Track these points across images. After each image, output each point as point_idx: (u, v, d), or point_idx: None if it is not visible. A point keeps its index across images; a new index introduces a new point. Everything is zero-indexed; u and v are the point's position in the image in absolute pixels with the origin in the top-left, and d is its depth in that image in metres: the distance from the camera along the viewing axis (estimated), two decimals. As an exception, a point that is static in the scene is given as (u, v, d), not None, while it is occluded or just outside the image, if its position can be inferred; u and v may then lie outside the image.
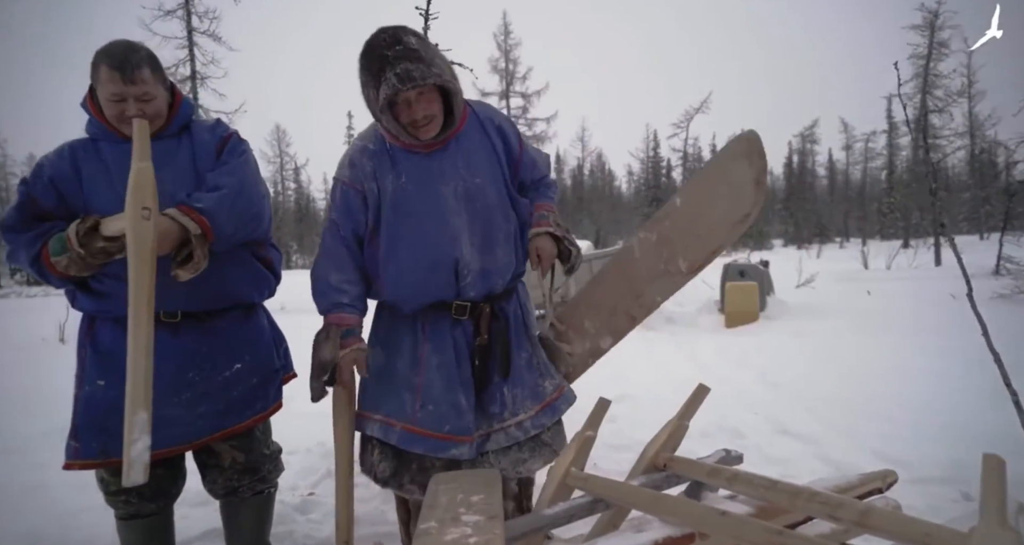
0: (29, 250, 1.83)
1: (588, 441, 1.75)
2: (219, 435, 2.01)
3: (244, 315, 2.09)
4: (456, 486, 1.66)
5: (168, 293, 1.87)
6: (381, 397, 2.03)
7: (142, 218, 1.68)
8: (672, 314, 8.45)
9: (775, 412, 3.71)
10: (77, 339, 1.97)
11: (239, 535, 2.18)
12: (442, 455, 1.97)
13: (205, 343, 1.97)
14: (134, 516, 2.01)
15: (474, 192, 1.98)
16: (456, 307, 2.00)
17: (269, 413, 2.14)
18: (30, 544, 2.41)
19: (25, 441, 3.88)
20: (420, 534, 1.40)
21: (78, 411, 1.91)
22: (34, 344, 9.18)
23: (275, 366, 2.16)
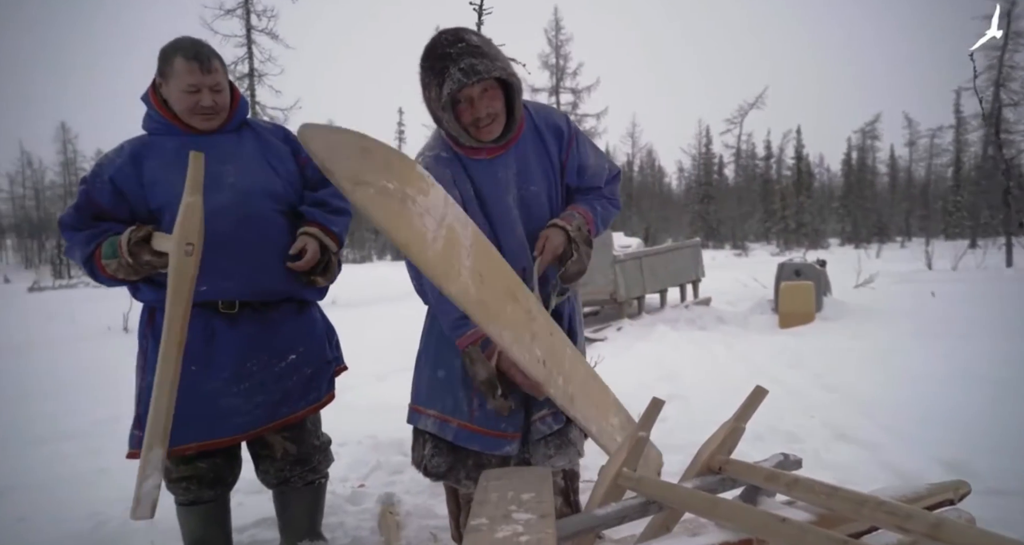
0: (84, 250, 1.91)
1: (641, 441, 1.72)
2: (274, 425, 2.05)
3: (298, 308, 2.13)
4: (507, 483, 1.65)
5: (227, 283, 1.93)
6: (436, 393, 2.03)
7: (185, 253, 1.73)
8: (723, 314, 8.28)
9: (832, 416, 3.59)
10: (138, 330, 2.04)
11: (292, 523, 2.22)
12: (497, 452, 1.98)
13: (261, 334, 2.02)
14: (193, 502, 2.07)
15: (529, 200, 1.97)
16: None
17: (322, 404, 2.18)
18: (95, 526, 2.50)
19: (90, 427, 4.04)
20: (471, 530, 1.39)
21: (141, 401, 1.97)
22: (100, 333, 9.58)
23: (327, 358, 2.20)
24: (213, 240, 1.84)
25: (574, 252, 1.93)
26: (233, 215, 1.93)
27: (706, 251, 12.48)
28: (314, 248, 2.01)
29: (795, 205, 43.95)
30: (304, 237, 2.01)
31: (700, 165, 50.44)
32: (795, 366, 5.09)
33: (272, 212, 2.01)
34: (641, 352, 5.98)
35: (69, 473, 3.13)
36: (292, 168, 2.09)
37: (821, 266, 8.54)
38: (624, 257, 8.61)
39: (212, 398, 1.94)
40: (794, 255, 14.69)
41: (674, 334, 6.96)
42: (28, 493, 2.90)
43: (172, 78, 1.90)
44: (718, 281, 12.77)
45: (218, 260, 1.88)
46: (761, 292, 10.28)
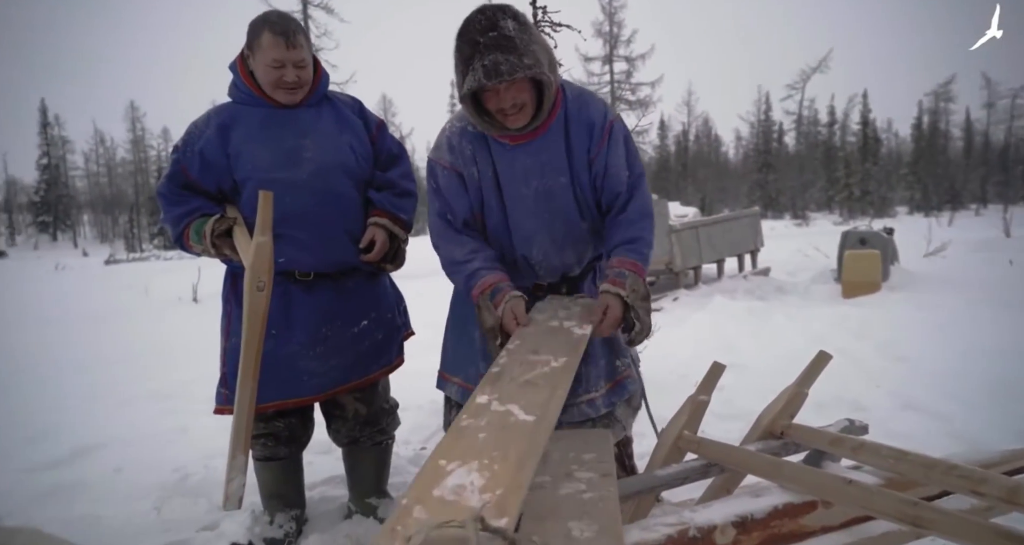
0: (175, 228, 2.02)
1: (701, 405, 1.73)
2: (347, 387, 2.14)
3: (369, 276, 2.21)
4: (567, 444, 1.69)
5: (302, 256, 2.02)
6: (460, 361, 2.06)
7: (257, 289, 1.84)
8: (783, 284, 8.09)
9: (899, 386, 3.50)
10: (222, 295, 2.15)
11: (360, 481, 2.32)
12: None
13: (336, 300, 2.10)
14: (269, 458, 2.19)
15: (556, 192, 1.91)
16: (534, 287, 2.03)
17: (392, 368, 2.26)
18: (180, 479, 2.67)
19: (169, 390, 4.28)
20: (534, 488, 1.43)
21: (227, 361, 2.09)
22: (171, 303, 10.04)
23: (397, 323, 2.28)
24: (291, 214, 1.94)
25: (636, 321, 1.83)
26: (310, 190, 2.00)
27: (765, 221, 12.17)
28: (383, 239, 2.08)
29: (860, 173, 42.23)
30: (373, 228, 2.08)
31: (759, 133, 48.85)
32: (859, 336, 4.96)
33: (347, 187, 2.07)
34: (698, 322, 5.92)
35: (153, 431, 3.34)
36: (366, 143, 2.14)
37: (888, 234, 8.22)
38: (680, 227, 8.48)
39: (290, 361, 2.04)
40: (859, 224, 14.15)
41: (732, 304, 6.85)
42: (120, 448, 3.12)
43: (259, 51, 1.95)
44: (777, 251, 12.44)
45: (294, 233, 1.97)
46: (823, 262, 9.99)
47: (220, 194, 2.04)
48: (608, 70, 27.73)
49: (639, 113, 25.31)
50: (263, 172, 1.96)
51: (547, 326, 1.69)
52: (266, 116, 2.01)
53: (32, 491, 2.58)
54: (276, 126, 2.00)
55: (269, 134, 1.99)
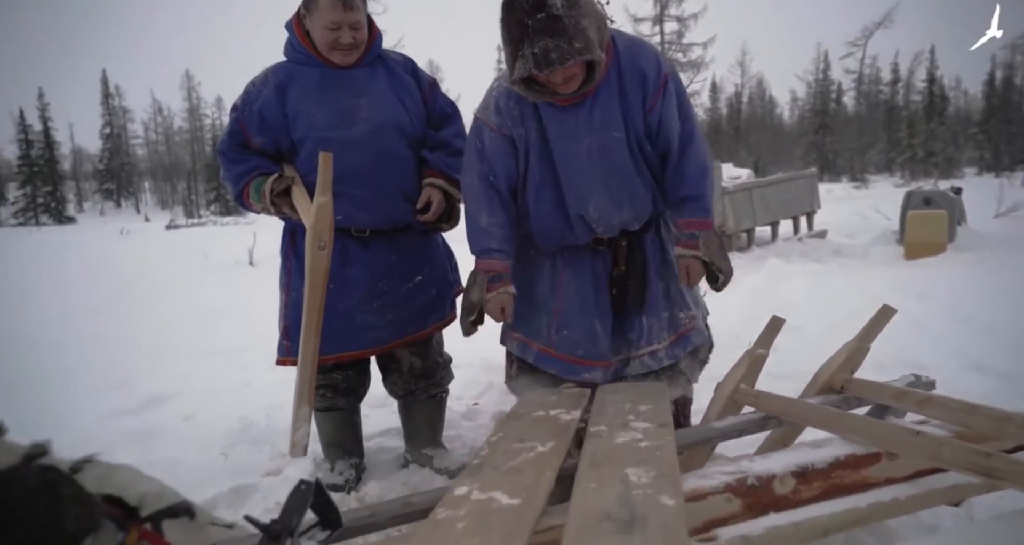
0: (235, 187, 2.08)
1: (759, 358, 1.71)
2: (402, 341, 2.19)
3: (423, 233, 2.23)
4: (623, 397, 1.69)
5: (358, 213, 2.06)
6: (520, 317, 2.08)
7: (318, 248, 1.87)
8: (841, 247, 7.85)
9: (965, 347, 3.38)
10: (280, 251, 2.21)
11: (416, 432, 2.38)
12: (574, 378, 2.03)
13: (391, 255, 2.14)
14: (329, 409, 2.26)
15: (611, 147, 1.89)
16: (594, 241, 2.03)
17: (446, 323, 2.30)
18: (245, 428, 2.79)
19: (232, 345, 4.44)
20: (591, 436, 1.45)
21: (288, 315, 2.15)
22: (229, 266, 10.33)
23: (449, 280, 2.31)
24: (347, 172, 1.96)
25: (718, 273, 1.93)
26: (365, 149, 2.02)
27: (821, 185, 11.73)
28: (439, 199, 2.10)
29: (925, 133, 40.22)
30: (429, 189, 2.10)
31: (816, 93, 46.88)
32: (922, 298, 4.79)
33: (401, 146, 2.10)
34: (751, 285, 5.80)
35: (219, 384, 3.48)
36: (419, 102, 2.15)
37: (956, 193, 7.86)
38: (733, 188, 8.26)
39: (348, 315, 2.09)
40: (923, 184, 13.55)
41: (787, 267, 6.69)
42: (189, 398, 3.28)
43: (315, 13, 1.96)
44: (834, 214, 12.03)
45: (351, 191, 2.01)
46: (884, 224, 9.64)
47: (278, 152, 2.08)
48: (658, 30, 26.87)
49: (690, 75, 24.57)
50: (320, 131, 1.99)
51: (532, 417, 1.62)
52: (322, 76, 2.03)
53: (112, 435, 2.74)
54: (332, 86, 2.02)
55: (325, 94, 2.02)
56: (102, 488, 1.04)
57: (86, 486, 0.99)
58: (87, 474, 1.04)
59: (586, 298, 2.02)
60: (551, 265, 2.08)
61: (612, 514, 1.05)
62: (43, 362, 4.08)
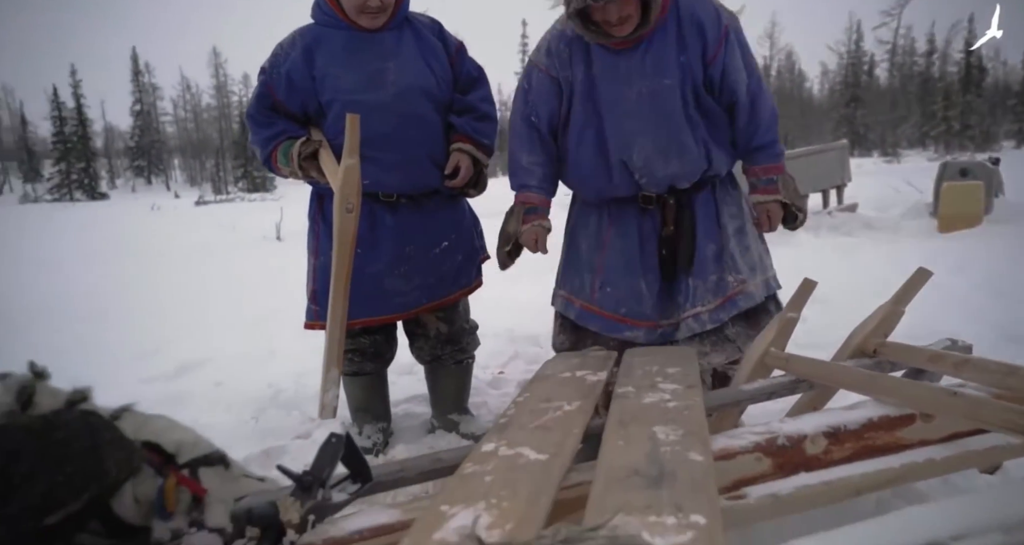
0: (263, 150, 2.08)
1: (790, 322, 1.68)
2: (429, 306, 2.20)
3: (449, 198, 2.23)
4: (651, 359, 1.68)
5: (386, 177, 2.05)
6: (565, 274, 2.15)
7: (346, 211, 1.87)
8: (872, 220, 7.68)
9: (1003, 319, 3.30)
10: (308, 215, 2.23)
11: (442, 398, 2.40)
12: (615, 335, 2.04)
13: (419, 221, 2.14)
14: (356, 373, 2.29)
15: (662, 94, 1.89)
16: (641, 198, 2.01)
17: (472, 288, 2.31)
18: (273, 394, 2.84)
19: (260, 315, 4.51)
20: (618, 397, 1.44)
21: (317, 279, 2.17)
22: (257, 240, 10.48)
23: (475, 246, 2.32)
24: (374, 136, 1.95)
25: (797, 213, 2.06)
26: (393, 112, 2.01)
27: (851, 159, 11.46)
28: (467, 165, 2.10)
29: (961, 105, 39.01)
30: (457, 154, 2.10)
31: (847, 65, 45.62)
32: (957, 271, 4.67)
33: (428, 110, 2.09)
34: (778, 257, 5.68)
35: (248, 351, 3.55)
36: (446, 66, 2.14)
37: (994, 164, 7.61)
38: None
39: (376, 280, 2.10)
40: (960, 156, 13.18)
41: (815, 241, 6.57)
42: (219, 365, 3.35)
43: None
44: (865, 188, 11.75)
45: (378, 155, 2.00)
46: (916, 197, 9.40)
47: (305, 116, 2.08)
48: None
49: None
50: (347, 94, 1.99)
51: (558, 378, 1.64)
52: (349, 39, 2.02)
53: (147, 399, 2.78)
54: (359, 49, 2.01)
55: (353, 57, 2.01)
56: (140, 435, 1.07)
57: (125, 432, 1.02)
58: (125, 421, 1.07)
59: (631, 256, 2.02)
60: (597, 222, 2.10)
61: (641, 470, 1.05)
62: (78, 331, 4.19)
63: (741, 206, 2.12)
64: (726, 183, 2.10)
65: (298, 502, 1.07)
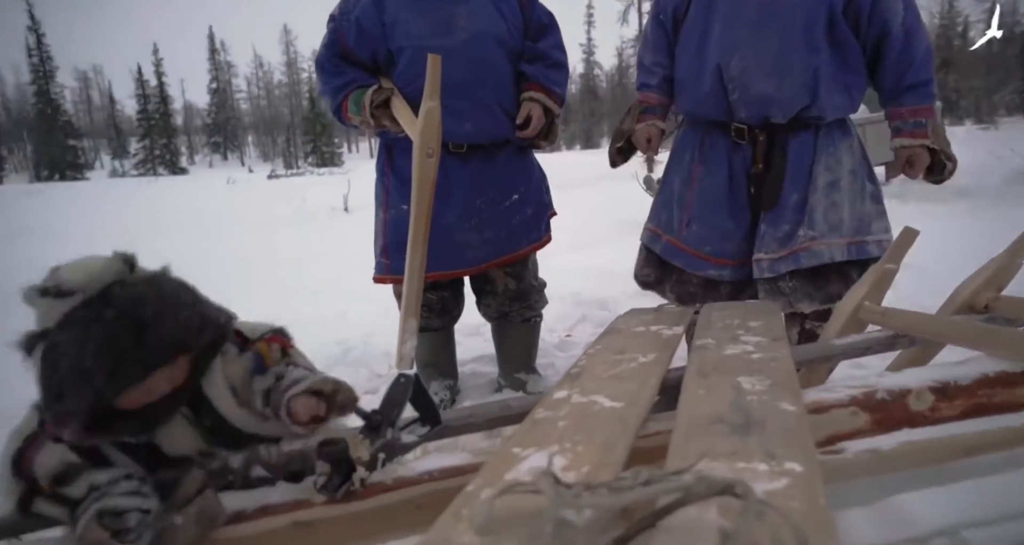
0: (333, 100, 2.05)
1: (887, 273, 1.55)
2: (499, 261, 2.16)
3: (518, 150, 2.18)
4: (731, 313, 1.59)
5: (456, 124, 1.99)
6: (656, 209, 2.14)
7: (426, 156, 1.79)
8: (965, 187, 7.18)
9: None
10: (377, 168, 2.21)
11: (509, 356, 2.37)
12: (699, 272, 2.00)
13: (489, 173, 2.09)
14: (424, 329, 2.26)
15: (783, 8, 1.80)
16: (734, 129, 1.91)
17: (541, 244, 2.26)
18: (343, 352, 2.89)
19: (330, 281, 4.63)
20: (697, 349, 1.36)
21: (387, 233, 2.15)
22: (326, 212, 10.76)
23: (545, 200, 2.26)
24: (445, 83, 1.88)
25: (946, 161, 1.91)
26: (464, 57, 1.96)
27: (944, 126, 10.72)
28: (539, 114, 2.04)
29: (1069, 67, 35.98)
30: (529, 103, 2.04)
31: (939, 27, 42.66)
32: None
33: (499, 57, 2.03)
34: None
35: (318, 314, 3.61)
36: (516, 12, 2.08)
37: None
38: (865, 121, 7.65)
39: (448, 232, 2.06)
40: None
41: (903, 208, 6.19)
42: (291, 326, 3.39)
43: None
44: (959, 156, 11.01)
45: (448, 102, 1.92)
46: (1018, 163, 8.75)
47: (375, 65, 2.04)
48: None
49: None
50: (418, 40, 1.94)
51: (631, 331, 1.56)
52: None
53: (221, 359, 2.90)
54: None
55: (423, 2, 1.97)
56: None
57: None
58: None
59: (719, 194, 1.96)
60: (690, 159, 2.04)
61: (725, 418, 0.98)
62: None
63: (843, 159, 1.96)
64: (833, 132, 1.95)
65: (367, 440, 1.05)
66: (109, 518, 0.91)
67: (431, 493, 1.02)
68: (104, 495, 0.94)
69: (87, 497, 0.95)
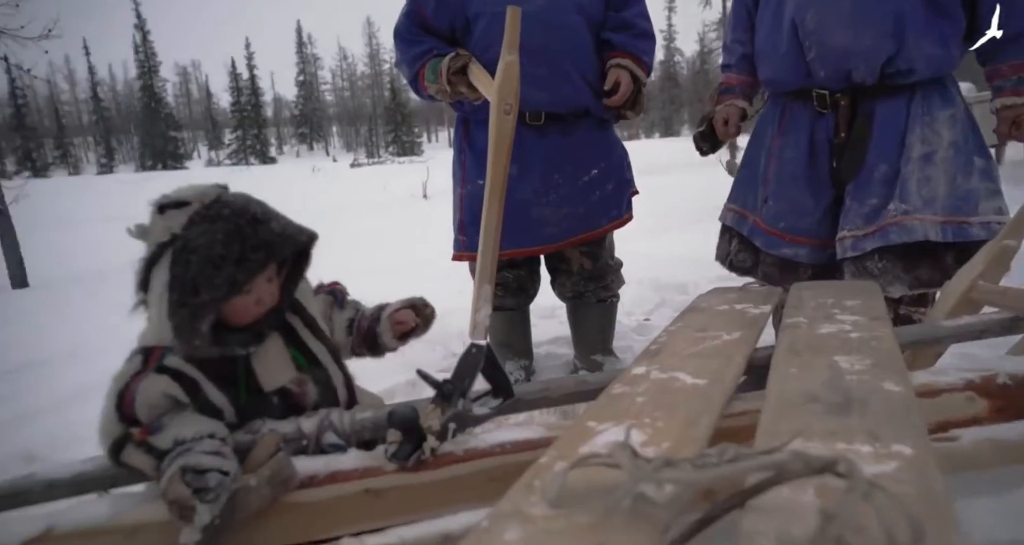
0: (411, 68, 2.02)
1: (1005, 251, 1.40)
2: (576, 239, 2.09)
3: (598, 124, 2.10)
4: (824, 292, 1.48)
5: (534, 91, 1.92)
6: (740, 189, 2.03)
7: (503, 113, 1.72)
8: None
9: None
10: (454, 145, 2.18)
11: (585, 337, 2.32)
12: (773, 251, 1.89)
13: (567, 146, 2.02)
14: (498, 308, 2.24)
15: None
16: (816, 97, 1.78)
17: (622, 222, 2.17)
18: (422, 332, 2.91)
19: (407, 263, 4.71)
20: (787, 328, 1.27)
21: (464, 208, 2.12)
22: (405, 198, 11.03)
23: (626, 177, 2.18)
24: (523, 47, 1.82)
25: None
26: (542, 23, 1.90)
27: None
28: (627, 80, 1.95)
29: None
30: (616, 70, 1.95)
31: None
32: None
33: (579, 23, 1.96)
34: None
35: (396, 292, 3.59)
36: None
37: None
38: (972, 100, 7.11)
39: (524, 208, 2.02)
40: None
41: (1015, 192, 5.71)
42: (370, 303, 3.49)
43: None
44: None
45: (526, 69, 1.85)
46: None
47: (452, 35, 2.01)
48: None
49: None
50: (495, 5, 1.88)
51: (714, 310, 1.46)
52: None
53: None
54: None
55: None
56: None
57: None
58: None
59: (796, 167, 1.83)
60: (771, 131, 1.93)
61: (821, 397, 0.90)
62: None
63: (941, 131, 1.76)
64: (932, 98, 1.76)
65: (438, 410, 1.03)
66: (191, 475, 0.93)
67: (503, 466, 0.98)
68: (188, 451, 0.96)
69: (171, 451, 0.97)
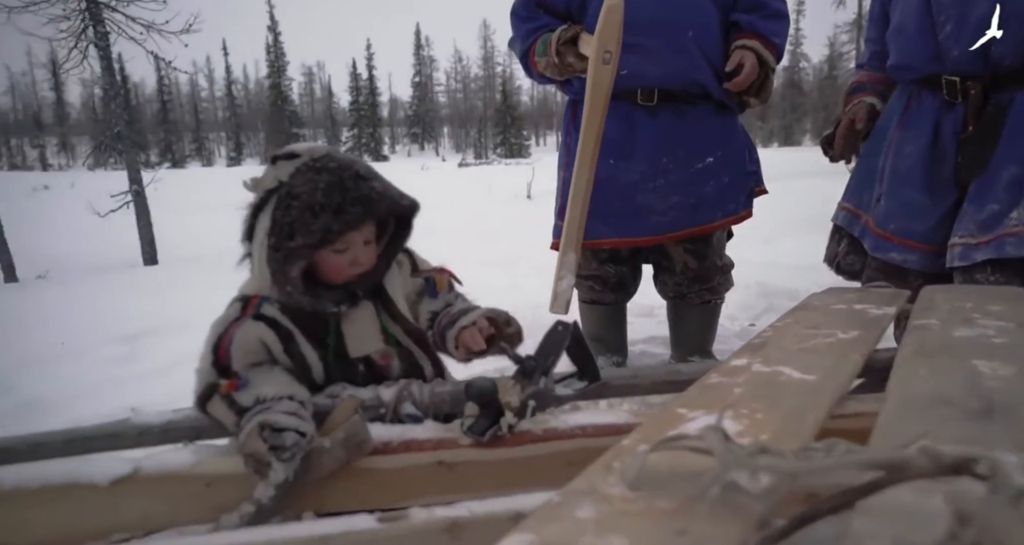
0: (522, 45, 1.97)
1: None
2: (682, 234, 1.96)
3: (717, 109, 1.96)
4: (961, 295, 1.33)
5: (647, 66, 1.84)
6: (855, 186, 1.86)
7: (603, 61, 1.64)
8: None
9: None
10: (562, 127, 2.13)
11: (684, 338, 2.20)
12: (879, 255, 1.71)
13: (679, 129, 1.91)
14: (594, 302, 2.18)
15: None
16: (946, 85, 1.58)
17: (738, 218, 2.03)
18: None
19: (507, 258, 4.76)
20: (915, 329, 1.14)
21: (564, 192, 2.04)
22: (510, 198, 11.25)
23: (747, 169, 2.03)
24: (638, 20, 1.73)
25: None
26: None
27: None
28: (752, 62, 1.79)
29: None
30: (741, 51, 1.80)
31: None
32: None
33: None
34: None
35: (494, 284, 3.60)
36: None
37: None
38: None
39: (629, 193, 1.92)
40: None
41: None
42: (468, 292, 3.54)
43: None
44: None
45: (641, 41, 1.78)
46: None
47: (568, 13, 1.94)
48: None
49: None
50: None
51: (830, 309, 1.34)
52: None
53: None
54: None
55: None
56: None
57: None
58: None
59: (915, 162, 1.64)
60: (893, 124, 1.74)
61: (955, 400, 0.78)
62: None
63: None
64: None
65: (519, 386, 1.00)
66: (269, 432, 0.93)
67: (583, 449, 0.93)
68: (267, 409, 0.97)
69: (252, 408, 0.98)
